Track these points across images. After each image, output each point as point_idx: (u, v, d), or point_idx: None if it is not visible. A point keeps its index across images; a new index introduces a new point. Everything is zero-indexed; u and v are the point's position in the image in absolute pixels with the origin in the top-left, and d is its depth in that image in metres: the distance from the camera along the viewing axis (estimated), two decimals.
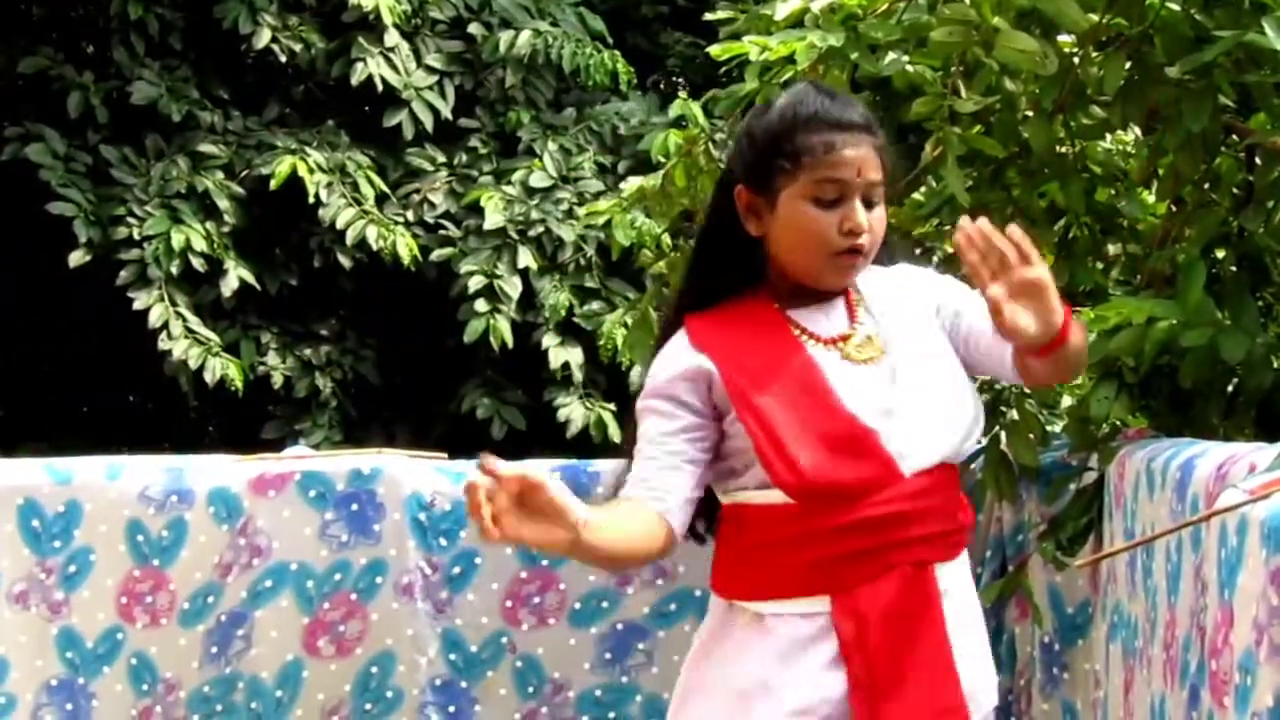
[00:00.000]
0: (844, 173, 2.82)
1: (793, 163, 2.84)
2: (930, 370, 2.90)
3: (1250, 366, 3.34)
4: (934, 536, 2.82)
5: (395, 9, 7.71)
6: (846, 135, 2.83)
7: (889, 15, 3.67)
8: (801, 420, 2.83)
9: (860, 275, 2.95)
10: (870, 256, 2.91)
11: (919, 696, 2.77)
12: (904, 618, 2.77)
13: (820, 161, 2.82)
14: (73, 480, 4.29)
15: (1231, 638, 2.32)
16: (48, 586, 4.28)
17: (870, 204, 2.85)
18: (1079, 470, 3.84)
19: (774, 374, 2.83)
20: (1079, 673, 3.80)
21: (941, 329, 2.94)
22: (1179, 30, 3.46)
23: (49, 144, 7.43)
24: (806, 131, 2.84)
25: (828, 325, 2.91)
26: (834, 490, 2.77)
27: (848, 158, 2.81)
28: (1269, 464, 2.32)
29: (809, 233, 2.83)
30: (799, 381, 2.82)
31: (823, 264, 2.87)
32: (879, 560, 2.78)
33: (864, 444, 2.80)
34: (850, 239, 2.82)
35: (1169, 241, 3.75)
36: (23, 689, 4.27)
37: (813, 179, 2.83)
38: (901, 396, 2.84)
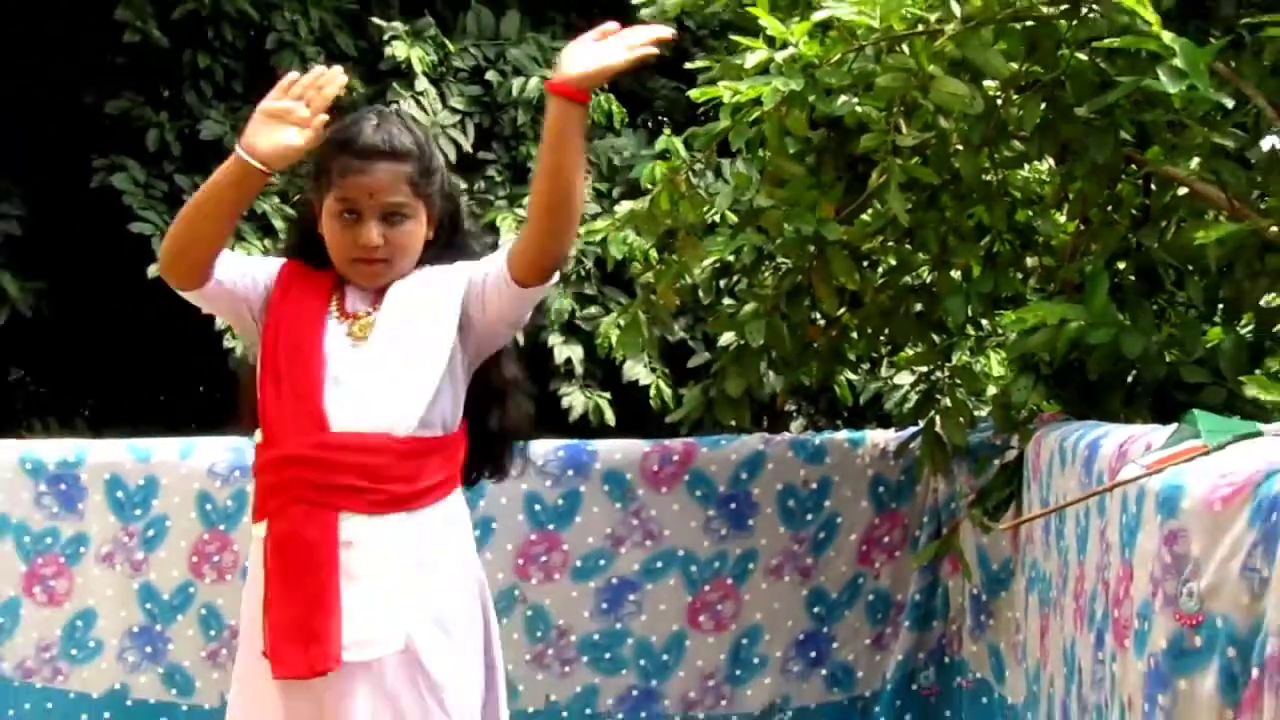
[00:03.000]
0: (355, 195, 2.82)
1: (325, 181, 2.88)
2: (398, 359, 2.87)
3: (1147, 361, 3.35)
4: (349, 489, 2.77)
5: (424, 59, 7.71)
6: (365, 162, 2.82)
7: (841, 64, 3.66)
8: (283, 363, 2.88)
9: (422, 270, 2.95)
10: (397, 262, 2.89)
11: (293, 621, 2.74)
12: (299, 549, 2.75)
13: (337, 184, 2.84)
14: (151, 458, 4.30)
15: (1131, 590, 2.33)
16: (130, 548, 4.29)
17: (391, 219, 2.84)
18: (1002, 448, 3.85)
19: (296, 319, 2.88)
20: (1002, 619, 3.81)
21: (462, 313, 2.89)
22: (1086, 76, 3.47)
23: (131, 173, 7.41)
24: (337, 155, 2.86)
25: (356, 303, 2.92)
26: (271, 421, 2.81)
27: (361, 182, 2.81)
28: (1162, 443, 2.33)
29: (331, 242, 2.87)
30: (301, 330, 2.87)
31: (346, 267, 2.90)
32: (289, 493, 2.77)
33: (308, 395, 2.81)
34: (362, 252, 2.84)
35: (1078, 255, 3.77)
36: (109, 635, 4.28)
37: (334, 198, 2.85)
38: (356, 372, 2.84)
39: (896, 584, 4.29)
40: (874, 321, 4.05)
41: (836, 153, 3.80)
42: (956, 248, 3.79)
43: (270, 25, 7.68)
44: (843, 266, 3.71)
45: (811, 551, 4.30)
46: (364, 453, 2.79)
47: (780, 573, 4.29)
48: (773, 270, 4.01)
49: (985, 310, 3.95)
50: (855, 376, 4.43)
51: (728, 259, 4.02)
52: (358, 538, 2.76)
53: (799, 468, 4.30)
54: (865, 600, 4.30)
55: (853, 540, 4.30)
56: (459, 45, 7.99)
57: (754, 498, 4.29)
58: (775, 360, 4.03)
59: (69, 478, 4.29)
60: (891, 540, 4.29)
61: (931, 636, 4.25)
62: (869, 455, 4.31)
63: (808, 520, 4.29)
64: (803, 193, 3.74)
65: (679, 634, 4.26)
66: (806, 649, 4.30)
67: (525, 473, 3.48)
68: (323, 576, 2.74)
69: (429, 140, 2.97)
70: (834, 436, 4.42)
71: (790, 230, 3.71)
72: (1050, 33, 3.59)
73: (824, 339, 4.08)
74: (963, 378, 4.09)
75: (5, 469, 4.29)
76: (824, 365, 4.17)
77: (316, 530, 2.75)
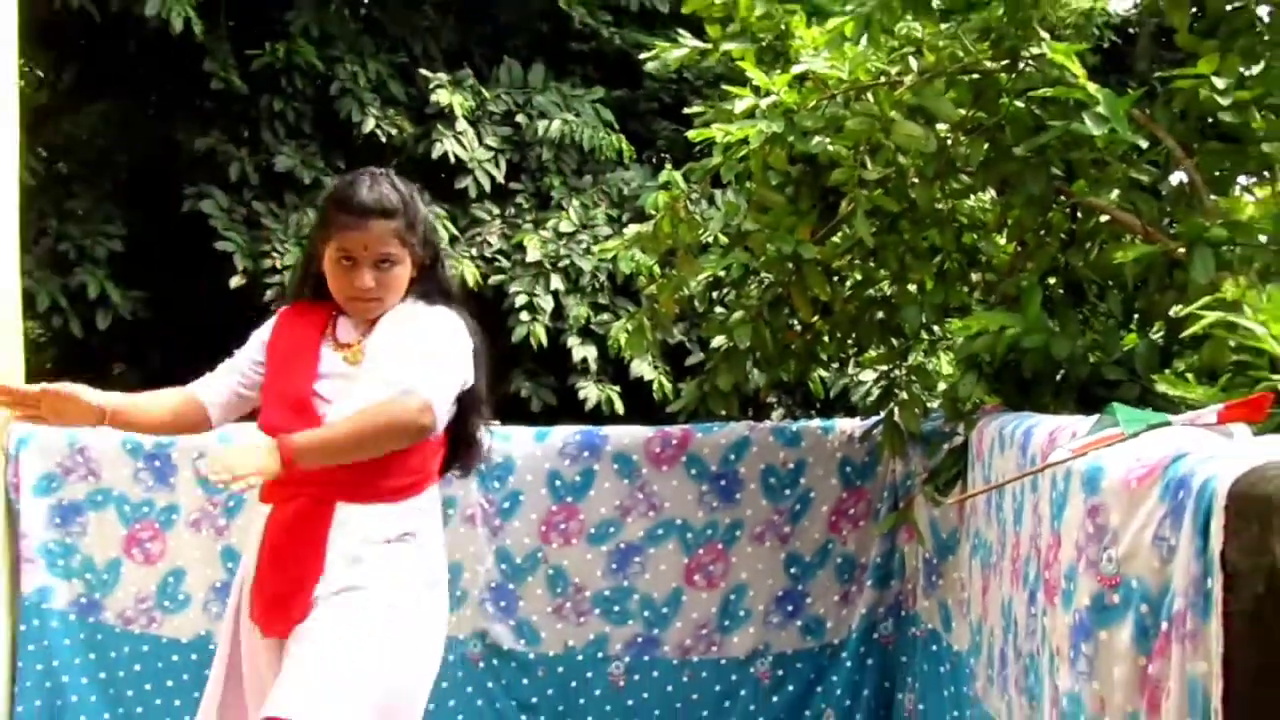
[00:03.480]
0: (352, 246, 2.85)
1: (326, 232, 2.90)
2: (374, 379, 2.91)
3: (1073, 361, 3.34)
4: (340, 482, 2.79)
5: (464, 105, 7.70)
6: (361, 219, 2.84)
7: (816, 110, 3.66)
8: (280, 386, 2.95)
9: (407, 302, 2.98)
10: (387, 300, 2.93)
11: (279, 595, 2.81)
12: (295, 530, 2.81)
13: (337, 236, 2.87)
14: (232, 440, 4.29)
15: (1059, 556, 2.33)
16: (214, 516, 4.28)
17: (383, 265, 2.87)
18: (950, 435, 3.84)
19: (292, 353, 2.93)
20: (950, 579, 3.81)
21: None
22: (1023, 121, 3.46)
23: (216, 200, 7.42)
24: (337, 212, 2.88)
25: (348, 333, 2.95)
26: (271, 433, 2.79)
27: (357, 237, 2.84)
28: (1086, 431, 2.32)
29: (332, 284, 2.90)
30: (298, 357, 2.91)
31: (345, 303, 2.93)
32: (294, 489, 2.79)
33: (303, 408, 2.84)
34: (360, 293, 2.87)
35: (1015, 271, 3.76)
36: (196, 589, 4.27)
37: (335, 247, 2.88)
38: (351, 389, 2.85)
39: (861, 549, 4.29)
40: (843, 327, 4.05)
41: (812, 185, 3.79)
42: (913, 265, 3.78)
43: (334, 75, 7.69)
44: (817, 280, 3.71)
45: (789, 521, 4.30)
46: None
47: (762, 539, 4.29)
48: (757, 284, 4.00)
49: (937, 318, 3.94)
50: (826, 374, 4.42)
51: (719, 274, 4.02)
52: (348, 521, 2.82)
53: (779, 450, 4.31)
54: (834, 563, 4.30)
55: (824, 512, 4.30)
56: (493, 93, 7.99)
57: (740, 476, 4.30)
58: (759, 360, 4.02)
59: (162, 456, 4.29)
60: (857, 512, 4.29)
61: (890, 594, 4.25)
62: (838, 440, 4.31)
63: (786, 495, 4.30)
64: (783, 218, 3.74)
65: (676, 590, 4.26)
66: (784, 604, 4.30)
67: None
68: (313, 557, 2.81)
69: (413, 197, 3.00)
70: (808, 424, 4.41)
71: (772, 250, 3.71)
72: (993, 84, 3.59)
73: (800, 342, 4.07)
74: (917, 375, 4.08)
75: (109, 449, 4.29)
76: (800, 364, 4.16)
77: (315, 520, 2.81)
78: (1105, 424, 2.25)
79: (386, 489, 2.84)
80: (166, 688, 4.26)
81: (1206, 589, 1.73)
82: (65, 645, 4.24)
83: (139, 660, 4.26)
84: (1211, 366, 2.74)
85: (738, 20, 3.91)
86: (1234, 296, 2.55)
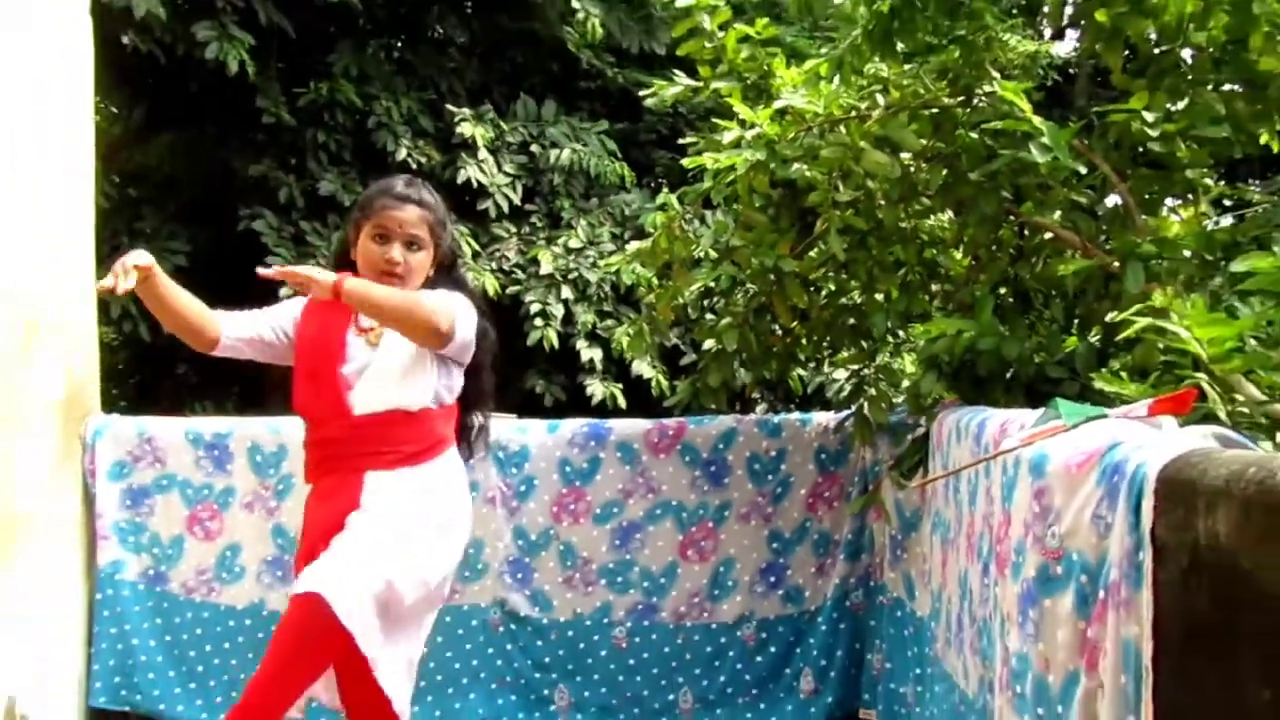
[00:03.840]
0: (387, 223, 2.91)
1: (365, 215, 2.95)
2: (402, 357, 2.91)
3: (1021, 362, 3.34)
4: (370, 454, 2.83)
5: (485, 136, 7.71)
6: (395, 202, 2.91)
7: (794, 140, 3.66)
8: (311, 366, 2.97)
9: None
10: (409, 280, 2.95)
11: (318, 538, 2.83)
12: (332, 496, 2.83)
13: (376, 215, 2.92)
14: (281, 431, 4.30)
15: (1009, 532, 2.33)
16: (266, 498, 4.28)
17: (411, 246, 2.91)
18: (913, 426, 3.84)
19: (322, 338, 2.93)
20: (913, 554, 3.81)
21: None
22: (977, 151, 3.47)
23: (267, 220, 7.43)
24: (378, 196, 2.95)
25: (369, 320, 2.95)
26: (305, 414, 2.86)
27: (394, 215, 2.91)
28: (1033, 423, 2.32)
29: (365, 258, 2.93)
30: (327, 343, 2.91)
31: (374, 278, 2.92)
32: (329, 463, 2.85)
33: (331, 388, 2.86)
34: (387, 265, 2.89)
35: (970, 283, 3.76)
36: (250, 562, 4.27)
37: (372, 224, 2.92)
38: (373, 367, 2.88)
39: (835, 527, 4.28)
40: (818, 331, 4.05)
41: (791, 206, 3.79)
42: (880, 277, 3.78)
43: (371, 110, 7.70)
44: (795, 290, 3.71)
45: (771, 502, 4.29)
46: (382, 426, 2.86)
47: (748, 518, 4.29)
48: (743, 293, 3.99)
49: (901, 324, 3.94)
50: (804, 372, 4.41)
51: (710, 285, 4.01)
52: (375, 488, 2.84)
53: (762, 440, 4.30)
54: (811, 539, 4.29)
55: (802, 494, 4.29)
56: (511, 125, 8.00)
57: (729, 462, 4.29)
58: (745, 360, 4.02)
59: (220, 446, 4.29)
60: (831, 494, 4.29)
61: (860, 566, 4.24)
62: (814, 431, 4.31)
63: (769, 479, 4.29)
64: (766, 235, 3.74)
65: (672, 563, 4.26)
66: (767, 575, 4.29)
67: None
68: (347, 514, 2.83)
69: (441, 204, 3.06)
70: (788, 417, 4.41)
71: (756, 263, 3.71)
72: (950, 118, 3.59)
73: (781, 344, 4.07)
74: (884, 374, 4.08)
75: (173, 439, 4.29)
76: (781, 364, 4.16)
77: (349, 486, 2.84)
78: (1049, 416, 2.25)
79: (407, 455, 2.87)
80: (224, 649, 4.26)
81: (1138, 561, 1.73)
82: (135, 611, 4.24)
83: (199, 625, 4.26)
84: (1142, 366, 2.74)
85: (726, 62, 3.92)
86: (1162, 304, 2.55)
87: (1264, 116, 3.30)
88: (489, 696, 4.20)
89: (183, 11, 7.04)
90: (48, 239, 4.06)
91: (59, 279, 4.11)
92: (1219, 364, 2.45)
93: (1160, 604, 1.68)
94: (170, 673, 4.23)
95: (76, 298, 4.23)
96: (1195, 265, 3.17)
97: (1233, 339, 2.43)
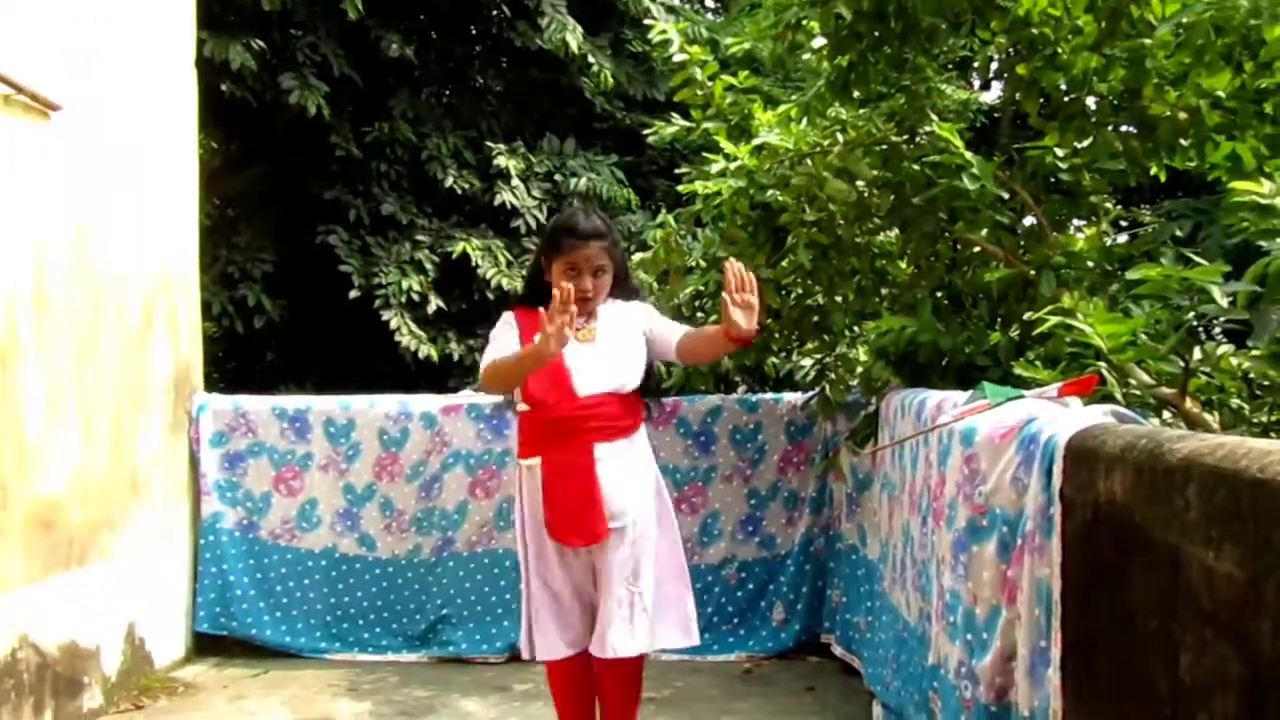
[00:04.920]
0: (576, 260, 2.83)
1: (555, 251, 2.87)
2: (615, 349, 2.88)
3: (954, 352, 3.34)
4: (595, 429, 2.80)
5: (517, 167, 7.69)
6: (580, 241, 2.83)
7: (770, 170, 3.65)
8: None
9: (607, 304, 2.94)
10: (598, 298, 2.89)
11: (571, 512, 2.79)
12: (569, 470, 2.78)
13: (565, 253, 2.84)
14: (350, 407, 4.30)
15: (944, 491, 2.33)
16: (338, 462, 4.28)
17: (598, 274, 2.86)
18: (866, 404, 3.84)
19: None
20: (866, 508, 3.81)
21: (643, 333, 2.92)
22: (919, 180, 3.46)
23: (339, 235, 7.41)
24: (565, 235, 2.86)
25: (578, 324, 2.85)
26: (539, 402, 2.80)
27: (581, 253, 2.83)
28: (963, 403, 2.32)
29: (559, 287, 2.80)
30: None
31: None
32: (562, 438, 2.79)
33: (559, 379, 2.80)
34: (581, 293, 2.80)
35: (913, 288, 3.75)
36: (324, 514, 4.28)
37: (563, 261, 2.85)
38: (589, 359, 2.83)
39: (802, 486, 4.28)
40: (789, 327, 4.04)
41: (766, 224, 3.78)
42: (839, 283, 3.78)
43: (424, 146, 7.68)
44: (769, 294, 3.70)
45: (750, 466, 4.29)
46: (602, 406, 2.82)
47: (731, 479, 4.29)
48: None
49: (856, 321, 3.94)
50: (777, 360, 4.40)
51: (700, 288, 4.01)
52: (603, 456, 2.80)
53: (743, 415, 4.30)
54: (783, 496, 4.29)
55: (775, 460, 4.29)
56: (538, 158, 7.98)
57: (715, 433, 4.29)
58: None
59: (301, 419, 4.29)
60: (799, 460, 4.29)
61: (822, 518, 4.24)
62: (786, 408, 4.31)
63: (748, 447, 4.29)
64: (745, 249, 3.73)
65: None
66: (746, 525, 4.29)
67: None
68: (590, 484, 2.79)
69: (614, 228, 3.00)
70: (764, 396, 4.41)
71: None
72: (897, 152, 3.58)
73: (758, 338, 4.06)
74: (842, 362, 4.07)
75: (263, 413, 4.29)
76: (758, 353, 4.16)
77: (583, 457, 2.79)
78: (977, 397, 2.25)
79: (621, 428, 2.84)
80: (304, 584, 4.27)
81: (1050, 515, 1.73)
82: (232, 554, 4.25)
83: (284, 565, 4.27)
84: (1053, 356, 2.73)
85: (714, 106, 3.91)
86: (1070, 306, 2.55)
87: (1154, 153, 3.29)
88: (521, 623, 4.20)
89: (271, 65, 7.04)
90: (160, 248, 4.06)
91: (169, 281, 4.12)
92: (1116, 355, 2.44)
93: (1067, 550, 1.68)
94: (260, 604, 4.24)
95: (182, 296, 4.23)
96: (1097, 274, 3.17)
97: (1127, 334, 2.43)
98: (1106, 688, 1.55)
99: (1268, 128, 3.02)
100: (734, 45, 4.21)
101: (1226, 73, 2.98)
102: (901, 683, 2.92)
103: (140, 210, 3.90)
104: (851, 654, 3.84)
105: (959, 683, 2.14)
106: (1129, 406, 2.17)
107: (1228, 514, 1.20)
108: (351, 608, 4.26)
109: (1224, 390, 2.53)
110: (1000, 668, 1.94)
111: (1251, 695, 1.16)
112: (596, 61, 8.07)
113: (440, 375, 7.69)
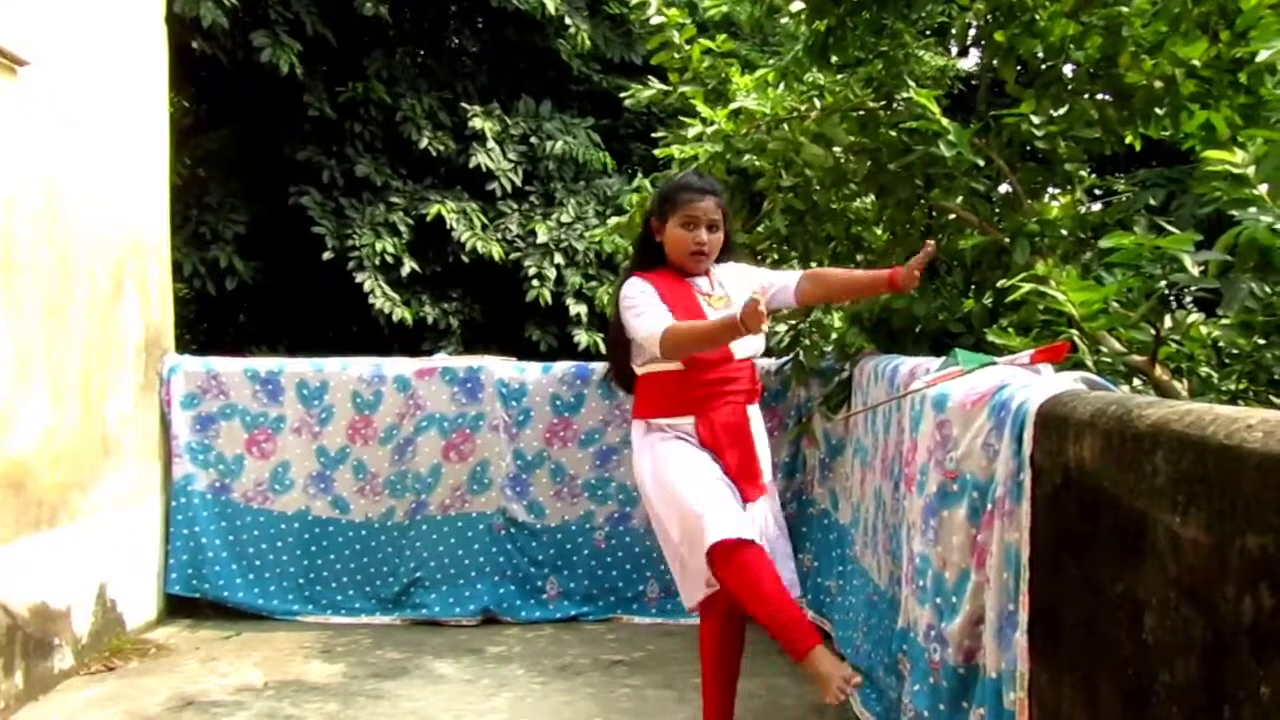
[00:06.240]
0: (694, 213, 2.87)
1: (670, 207, 2.90)
2: None
3: (927, 319, 3.35)
4: (744, 391, 2.88)
5: (493, 129, 7.63)
6: (697, 195, 2.87)
7: (746, 135, 3.64)
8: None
9: (713, 265, 2.96)
10: (712, 255, 2.92)
11: (738, 461, 2.83)
12: (732, 426, 2.84)
13: (682, 207, 2.87)
14: (323, 369, 4.27)
15: (916, 456, 2.34)
16: (310, 424, 4.26)
17: (711, 229, 2.89)
18: (839, 370, 3.85)
19: (682, 306, 2.84)
20: (838, 474, 3.83)
21: (761, 288, 2.91)
22: (895, 146, 3.45)
23: (312, 196, 7.34)
24: (681, 192, 2.90)
25: (705, 287, 2.92)
26: (702, 362, 2.82)
27: (699, 206, 2.87)
28: (936, 369, 2.33)
29: (675, 243, 2.88)
30: (692, 312, 2.83)
31: (684, 258, 2.90)
32: (719, 398, 2.83)
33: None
34: (697, 247, 2.87)
35: (888, 254, 3.75)
36: (298, 476, 4.26)
37: (680, 214, 2.88)
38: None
39: (775, 451, 4.27)
40: None
41: (743, 190, 3.77)
42: (815, 249, 3.77)
43: (398, 106, 7.60)
44: (746, 259, 3.69)
45: None
46: (748, 370, 2.91)
47: None
48: None
49: None
50: None
51: None
52: (752, 416, 2.91)
53: None
54: None
55: None
56: (514, 120, 7.92)
57: None
58: None
59: (274, 381, 4.26)
60: (772, 425, 4.28)
61: (795, 483, 4.26)
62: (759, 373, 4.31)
63: None
64: None
65: None
66: None
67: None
68: (749, 440, 2.87)
69: (723, 191, 3.03)
70: None
71: None
72: (874, 118, 3.57)
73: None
74: (816, 328, 4.08)
75: (235, 375, 4.26)
76: None
77: (741, 415, 2.87)
78: (950, 363, 2.26)
79: (757, 391, 2.96)
80: (276, 546, 4.26)
81: (1019, 480, 1.74)
82: (204, 516, 4.23)
83: (256, 528, 4.26)
84: (1026, 323, 2.75)
85: (691, 70, 3.88)
86: (1043, 273, 2.56)
87: (1129, 121, 3.29)
88: (493, 586, 4.21)
89: (242, 22, 6.92)
90: (131, 208, 4.00)
91: (140, 241, 4.06)
92: (1088, 322, 2.46)
93: (1036, 515, 1.69)
94: (233, 566, 4.23)
95: (153, 257, 4.18)
96: (1070, 242, 3.18)
97: (1099, 302, 2.44)
98: (1072, 650, 1.57)
99: (1242, 97, 3.03)
100: (712, 8, 4.17)
101: (1202, 42, 2.99)
102: (871, 645, 2.95)
103: (110, 169, 3.84)
104: (822, 617, 3.87)
105: (928, 645, 2.16)
106: (1100, 373, 2.19)
107: (1194, 480, 1.21)
108: (325, 570, 4.26)
109: (1193, 358, 2.56)
110: (969, 630, 1.96)
111: (1213, 658, 1.18)
112: (573, 23, 8.00)
113: (414, 338, 7.66)
